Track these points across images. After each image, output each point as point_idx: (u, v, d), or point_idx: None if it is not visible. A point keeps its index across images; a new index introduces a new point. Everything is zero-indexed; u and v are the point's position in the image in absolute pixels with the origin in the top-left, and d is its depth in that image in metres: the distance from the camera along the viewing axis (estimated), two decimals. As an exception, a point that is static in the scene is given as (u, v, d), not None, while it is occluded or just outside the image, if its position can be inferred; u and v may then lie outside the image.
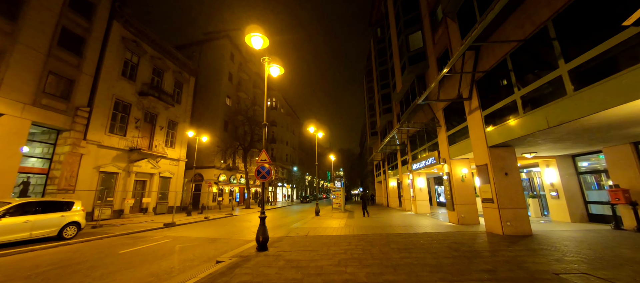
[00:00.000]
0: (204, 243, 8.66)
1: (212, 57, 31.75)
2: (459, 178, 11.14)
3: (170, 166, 21.12)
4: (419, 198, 16.73)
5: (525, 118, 6.88)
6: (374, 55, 27.38)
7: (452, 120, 11.48)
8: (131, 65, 18.25)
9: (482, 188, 8.82)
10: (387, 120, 22.80)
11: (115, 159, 16.59)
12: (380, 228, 10.24)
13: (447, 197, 11.59)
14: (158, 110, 20.15)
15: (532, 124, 6.58)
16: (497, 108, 8.12)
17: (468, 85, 9.47)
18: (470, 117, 9.50)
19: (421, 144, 15.45)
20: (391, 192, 25.64)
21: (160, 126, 20.35)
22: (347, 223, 12.50)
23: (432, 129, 13.61)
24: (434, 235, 8.34)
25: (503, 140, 7.86)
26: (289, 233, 9.58)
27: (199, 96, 30.53)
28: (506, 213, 7.98)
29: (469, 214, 10.78)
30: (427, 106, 13.49)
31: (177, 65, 22.59)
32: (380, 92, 23.89)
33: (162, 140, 20.40)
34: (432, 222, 12.02)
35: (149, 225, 13.01)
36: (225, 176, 29.70)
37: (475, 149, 9.22)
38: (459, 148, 10.79)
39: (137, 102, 18.32)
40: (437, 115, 12.45)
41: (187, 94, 23.72)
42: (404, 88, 15.93)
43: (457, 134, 11.01)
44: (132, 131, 17.82)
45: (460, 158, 11.22)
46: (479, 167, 8.96)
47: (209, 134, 27.90)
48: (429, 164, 13.65)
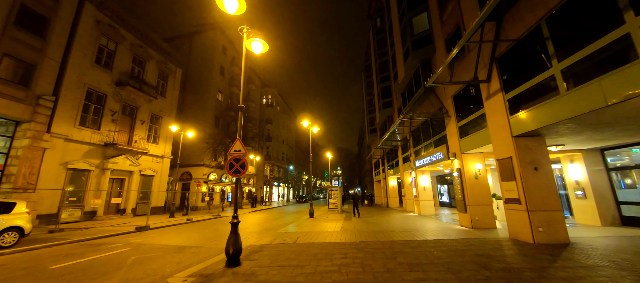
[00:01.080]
0: (168, 253, 7.11)
1: (202, 50, 30.12)
2: (471, 175, 9.69)
3: (152, 163, 19.48)
4: (423, 198, 15.28)
5: (568, 96, 5.41)
6: (373, 46, 25.91)
7: (464, 109, 10.02)
8: (107, 53, 16.60)
9: (504, 187, 7.35)
10: (387, 115, 21.34)
11: (87, 155, 14.94)
12: (382, 234, 8.75)
13: (457, 197, 10.13)
14: (139, 102, 18.50)
15: (580, 103, 5.12)
16: (525, 89, 6.66)
17: (486, 65, 8.01)
18: (488, 103, 8.03)
19: (426, 139, 13.99)
20: (391, 191, 24.19)
21: (142, 120, 18.71)
22: (344, 227, 10.99)
23: (439, 121, 12.15)
24: (449, 243, 6.86)
25: (534, 127, 6.39)
26: (275, 240, 8.06)
27: (189, 90, 28.91)
28: (537, 217, 6.52)
29: (484, 217, 9.32)
30: (434, 95, 12.04)
31: (162, 55, 20.95)
32: (380, 85, 22.43)
33: (144, 136, 18.76)
34: (441, 225, 10.55)
35: (118, 229, 11.43)
36: (215, 175, 28.08)
37: (495, 140, 7.76)
38: (472, 140, 9.33)
39: (114, 92, 16.67)
40: (446, 105, 10.98)
41: (173, 87, 22.08)
42: (406, 77, 14.46)
43: (469, 124, 9.55)
44: (107, 124, 16.18)
45: (473, 152, 9.76)
46: (500, 161, 7.50)
47: (198, 130, 26.36)
48: (435, 160, 12.20)
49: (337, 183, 70.17)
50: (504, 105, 7.32)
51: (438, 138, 12.42)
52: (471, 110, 9.51)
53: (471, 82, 8.13)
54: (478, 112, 8.86)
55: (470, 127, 9.53)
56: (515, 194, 6.96)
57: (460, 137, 10.09)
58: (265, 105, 47.91)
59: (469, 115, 9.50)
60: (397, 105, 19.00)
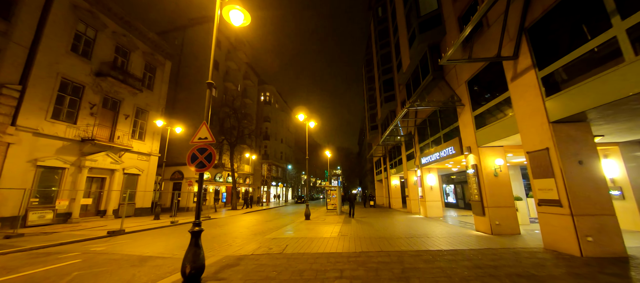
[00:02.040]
0: (125, 266, 5.77)
1: (196, 43, 28.82)
2: (490, 172, 8.33)
3: (138, 161, 18.15)
4: (430, 198, 13.92)
5: (638, 64, 4.06)
6: (375, 38, 24.55)
7: (480, 97, 8.66)
8: (86, 40, 15.27)
9: (538, 185, 5.99)
10: (390, 109, 19.98)
11: (61, 151, 13.62)
12: (387, 241, 7.40)
13: (473, 198, 8.77)
14: (122, 95, 17.18)
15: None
16: (569, 61, 5.30)
17: (512, 39, 6.66)
18: (515, 84, 6.67)
19: (433, 133, 12.63)
20: (393, 191, 22.83)
21: (126, 114, 17.38)
22: (342, 231, 9.64)
23: (449, 112, 10.80)
24: (472, 255, 5.51)
25: (581, 109, 5.04)
26: (259, 249, 6.72)
27: (181, 85, 27.61)
28: (585, 223, 5.16)
29: (506, 221, 7.96)
30: (444, 83, 10.68)
31: (149, 46, 19.61)
32: (382, 78, 21.06)
33: (128, 131, 17.43)
34: (453, 230, 9.19)
35: (88, 234, 10.11)
36: (209, 174, 26.76)
37: (524, 129, 6.40)
38: (491, 132, 7.97)
39: (93, 83, 15.34)
40: (458, 92, 9.62)
41: (161, 80, 20.75)
42: (412, 65, 13.10)
43: (488, 112, 8.19)
44: (85, 118, 14.85)
45: (492, 145, 8.40)
46: (532, 154, 6.14)
47: (190, 127, 25.05)
48: (445, 156, 10.84)
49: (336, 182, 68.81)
50: (537, 84, 5.96)
51: (448, 131, 11.06)
52: (490, 96, 8.16)
53: (494, 59, 6.76)
54: (500, 96, 7.49)
55: (489, 116, 8.17)
56: (553, 194, 5.60)
57: (477, 128, 8.72)
58: (263, 103, 46.61)
59: (488, 102, 8.13)
60: (401, 98, 17.64)
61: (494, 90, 8.00)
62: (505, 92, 7.22)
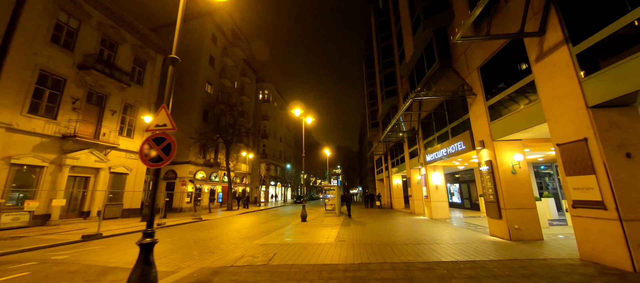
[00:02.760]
0: (79, 280, 4.82)
1: (190, 38, 27.86)
2: (507, 169, 7.34)
3: (126, 160, 17.22)
4: (435, 198, 12.93)
5: None
6: (375, 31, 23.55)
7: (495, 84, 7.67)
8: (68, 31, 14.34)
9: (573, 183, 5.01)
10: (391, 105, 18.99)
11: (39, 148, 12.70)
12: (390, 249, 6.43)
13: (488, 199, 7.79)
14: (108, 90, 16.25)
15: None
16: (612, 32, 4.32)
17: (538, 11, 5.67)
18: (541, 66, 5.69)
19: (439, 127, 11.64)
20: (395, 191, 21.84)
21: (112, 110, 16.45)
22: (340, 235, 8.68)
23: (458, 104, 9.83)
24: (495, 269, 4.53)
25: (630, 90, 4.07)
26: (241, 258, 5.76)
27: (175, 82, 26.64)
28: (638, 230, 4.17)
29: (527, 224, 6.97)
30: (452, 72, 9.69)
31: (138, 39, 18.68)
32: (383, 72, 20.07)
33: (115, 128, 16.50)
34: (464, 234, 8.21)
35: (60, 238, 9.18)
36: (204, 173, 25.83)
37: (554, 117, 5.41)
38: (508, 123, 6.99)
39: (76, 77, 14.42)
40: (469, 81, 8.63)
41: (152, 75, 19.80)
42: (416, 54, 12.12)
43: (505, 101, 7.20)
44: (67, 114, 13.93)
45: (509, 139, 7.42)
46: (564, 147, 5.16)
47: (184, 125, 24.12)
48: (453, 152, 9.86)
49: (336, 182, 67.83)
50: (571, 63, 4.97)
51: (456, 125, 10.07)
52: (505, 84, 7.17)
53: (515, 36, 5.78)
54: (520, 82, 6.50)
55: (505, 106, 7.18)
56: (593, 194, 4.61)
57: (491, 120, 7.73)
58: (261, 101, 45.74)
59: (505, 89, 7.14)
60: (403, 93, 16.65)
61: (511, 75, 7.01)
62: (528, 76, 6.23)
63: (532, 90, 6.17)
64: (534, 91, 6.09)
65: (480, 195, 15.65)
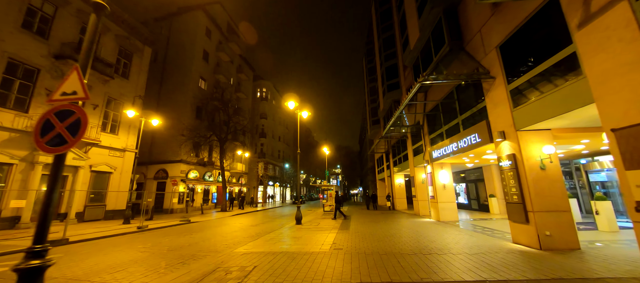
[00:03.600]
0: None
1: (183, 33, 26.77)
2: (534, 164, 6.16)
3: (109, 158, 16.09)
4: (443, 199, 11.76)
5: None
6: (376, 22, 22.39)
7: (519, 64, 6.50)
8: (42, 17, 13.23)
9: (635, 179, 3.83)
10: (393, 99, 17.82)
11: (8, 144, 11.58)
12: (397, 260, 5.27)
13: (510, 199, 6.61)
14: (89, 82, 15.11)
15: None
16: None
17: (583, -36, 4.50)
18: (587, 31, 4.51)
19: (448, 119, 10.46)
20: (397, 191, 20.67)
21: (94, 104, 15.32)
22: (336, 242, 7.51)
23: (470, 93, 8.67)
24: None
25: None
26: (208, 277, 4.61)
27: (167, 78, 25.56)
28: None
29: (560, 230, 5.80)
30: (465, 54, 8.51)
31: (124, 30, 17.56)
32: (384, 64, 18.91)
33: (96, 123, 15.37)
34: (481, 241, 7.03)
35: (21, 244, 8.05)
36: (197, 173, 24.69)
37: (607, 95, 4.24)
38: (538, 109, 5.81)
39: (50, 66, 13.30)
40: (486, 62, 7.46)
41: (139, 68, 18.67)
42: (422, 38, 10.95)
43: (534, 82, 6.02)
44: (41, 106, 12.81)
45: (537, 128, 6.25)
46: (622, 132, 3.98)
47: (176, 122, 23.00)
48: (465, 147, 8.68)
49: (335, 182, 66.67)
50: (635, 20, 3.80)
51: (469, 115, 8.90)
52: (533, 62, 6.00)
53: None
54: (557, 55, 5.32)
55: (535, 87, 6.01)
56: (671, 194, 3.43)
57: (514, 106, 6.55)
58: (259, 99, 44.61)
59: (532, 68, 5.96)
60: (406, 85, 15.48)
61: (540, 51, 5.84)
62: (566, 48, 5.06)
63: (572, 66, 5.00)
64: (575, 66, 4.92)
65: (491, 196, 14.47)
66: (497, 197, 14.21)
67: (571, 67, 5.06)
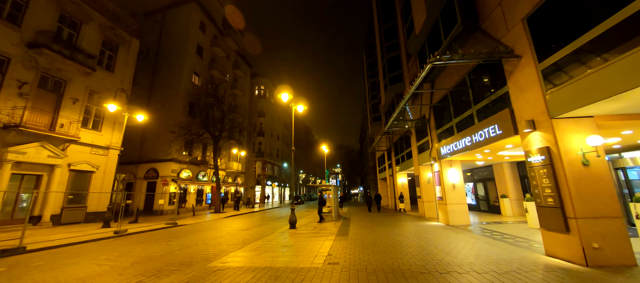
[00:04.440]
0: None
1: (176, 26, 25.66)
2: (575, 159, 5.00)
3: (91, 156, 14.97)
4: (452, 200, 10.58)
5: None
6: (377, 11, 21.21)
7: (554, 37, 5.34)
8: (13, 2, 12.13)
9: None
10: (396, 92, 16.66)
11: (-30, 141, 10.48)
12: (406, 280, 4.11)
13: (543, 203, 5.44)
14: (69, 74, 14.01)
15: None
16: None
17: None
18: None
19: (460, 111, 9.29)
20: (400, 191, 19.48)
21: (74, 98, 14.20)
22: (333, 252, 6.37)
23: (486, 80, 7.51)
24: None
25: None
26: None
27: (159, 74, 24.45)
28: None
29: (611, 241, 4.64)
30: (480, 33, 7.36)
31: (109, 19, 16.44)
32: (386, 56, 17.75)
33: (76, 119, 14.24)
34: (506, 252, 5.86)
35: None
36: (189, 172, 23.57)
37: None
38: (583, 89, 4.65)
39: (23, 56, 12.20)
40: (508, 40, 6.30)
41: (125, 61, 17.55)
42: (428, 21, 9.79)
43: (580, 56, 4.86)
44: (11, 99, 11.71)
45: (577, 116, 5.09)
46: None
47: (167, 118, 21.91)
48: (481, 141, 7.51)
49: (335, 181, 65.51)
50: None
51: (485, 105, 7.73)
52: (571, 36, 4.84)
53: None
54: (615, 16, 4.15)
55: (580, 61, 4.84)
56: None
57: (548, 88, 5.39)
58: (257, 97, 43.52)
59: (577, 39, 4.80)
60: (410, 76, 14.32)
61: (584, 18, 4.67)
62: (628, 5, 3.89)
63: (635, 30, 3.83)
64: (618, 41, 3.75)
65: (502, 196, 13.29)
66: (510, 198, 13.03)
67: (634, 32, 3.89)
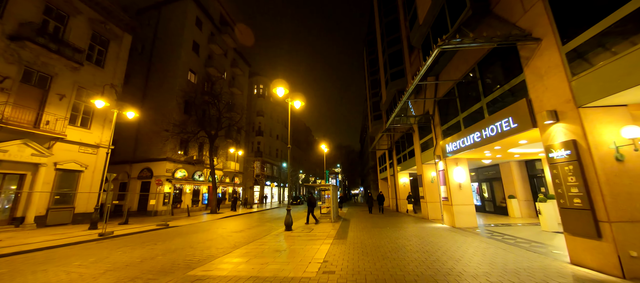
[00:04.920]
0: None
1: (171, 23, 25.04)
2: (607, 154, 4.35)
3: (79, 154, 14.35)
4: (458, 201, 9.93)
5: None
6: (378, 3, 20.56)
7: (583, 13, 4.68)
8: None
9: None
10: (397, 88, 16.02)
11: (-54, 137, 9.86)
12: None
13: (569, 203, 4.78)
14: (55, 69, 13.40)
15: None
16: None
17: None
18: None
19: (468, 105, 8.64)
20: (402, 191, 18.84)
21: (60, 94, 13.58)
22: (329, 259, 5.72)
23: (498, 69, 6.86)
24: None
25: None
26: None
27: (154, 70, 23.83)
28: None
29: (652, 249, 3.97)
30: (492, 18, 6.71)
31: (99, 13, 15.82)
32: (387, 51, 17.10)
33: (64, 115, 13.63)
34: (527, 260, 5.21)
35: None
36: (185, 172, 22.93)
37: None
38: (616, 73, 4.01)
39: (5, 49, 11.59)
40: (525, 22, 5.65)
41: (116, 56, 16.93)
42: (433, 8, 9.15)
43: (607, 38, 4.21)
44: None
45: (608, 104, 4.44)
46: None
47: (162, 117, 21.29)
48: (493, 136, 6.86)
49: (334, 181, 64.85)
50: None
51: (497, 96, 7.07)
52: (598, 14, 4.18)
53: None
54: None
55: (611, 43, 4.18)
56: None
57: (574, 74, 4.73)
58: (256, 96, 42.93)
59: (603, 18, 4.14)
60: (412, 71, 13.67)
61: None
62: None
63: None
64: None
65: (510, 196, 12.63)
66: (518, 198, 12.36)
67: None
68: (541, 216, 8.46)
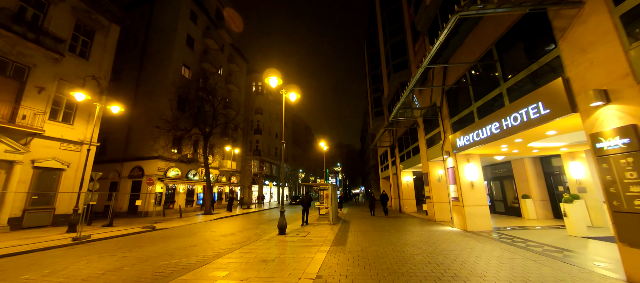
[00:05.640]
0: None
1: (165, 15, 24.09)
2: (678, 142, 3.32)
3: (60, 151, 13.42)
4: (470, 201, 8.92)
5: None
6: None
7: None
8: (-38, -26, 10.58)
9: None
10: (400, 81, 15.01)
11: None
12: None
13: (627, 207, 3.78)
14: (33, 60, 12.46)
15: None
16: None
17: None
18: None
19: (483, 92, 7.61)
20: (405, 191, 17.83)
21: (39, 87, 12.64)
22: (324, 273, 4.74)
23: (520, 46, 5.85)
24: None
25: None
26: None
27: (147, 65, 22.90)
28: None
29: None
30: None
31: (82, 1, 14.86)
32: (389, 42, 16.08)
33: (43, 109, 12.69)
34: (567, 275, 4.21)
35: None
36: (178, 170, 22.00)
37: None
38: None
39: (-26, 37, 10.66)
40: (561, -14, 4.62)
41: (103, 48, 15.97)
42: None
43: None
44: (-42, 86, 10.16)
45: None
46: None
47: (151, 111, 20.39)
48: (515, 126, 5.85)
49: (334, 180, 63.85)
50: None
51: (520, 80, 6.06)
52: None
53: None
54: None
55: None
56: None
57: (632, 41, 3.72)
58: (254, 93, 41.92)
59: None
60: (417, 60, 12.65)
61: None
62: None
63: None
64: None
65: (524, 196, 11.61)
66: (533, 198, 11.35)
67: None
68: (567, 219, 7.45)
